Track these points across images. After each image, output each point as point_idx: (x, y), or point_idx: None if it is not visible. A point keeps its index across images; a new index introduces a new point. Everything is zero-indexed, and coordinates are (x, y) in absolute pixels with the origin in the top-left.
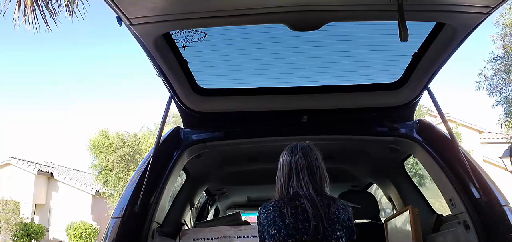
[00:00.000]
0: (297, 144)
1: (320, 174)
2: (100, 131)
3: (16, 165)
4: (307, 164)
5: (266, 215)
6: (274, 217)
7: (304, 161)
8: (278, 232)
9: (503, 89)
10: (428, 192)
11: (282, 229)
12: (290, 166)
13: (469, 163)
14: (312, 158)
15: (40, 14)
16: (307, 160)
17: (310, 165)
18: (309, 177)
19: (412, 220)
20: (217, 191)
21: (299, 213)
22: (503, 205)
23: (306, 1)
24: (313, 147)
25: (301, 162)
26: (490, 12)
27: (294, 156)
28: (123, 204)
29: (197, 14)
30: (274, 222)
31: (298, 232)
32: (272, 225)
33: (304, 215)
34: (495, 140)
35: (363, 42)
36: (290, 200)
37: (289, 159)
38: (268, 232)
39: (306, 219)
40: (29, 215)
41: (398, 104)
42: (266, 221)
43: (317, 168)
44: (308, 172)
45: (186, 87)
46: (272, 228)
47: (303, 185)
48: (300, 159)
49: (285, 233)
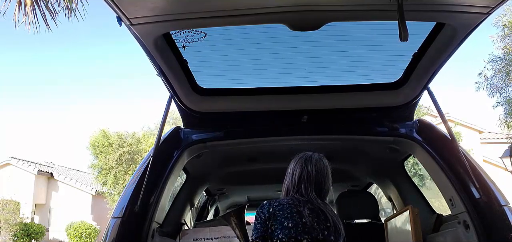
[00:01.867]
0: (312, 154)
1: (326, 188)
2: (100, 131)
3: (16, 165)
4: (316, 178)
5: (281, 208)
6: (291, 212)
7: (315, 174)
8: (295, 226)
9: (503, 90)
10: (428, 192)
11: (300, 224)
12: (301, 175)
13: (469, 163)
14: (323, 174)
15: (40, 14)
16: (318, 174)
17: (319, 179)
18: (315, 188)
19: (412, 220)
20: (217, 191)
21: (315, 215)
22: (503, 205)
23: (306, 1)
24: (326, 162)
25: (312, 174)
26: (490, 12)
27: (306, 167)
28: (123, 204)
29: (197, 14)
30: (291, 216)
31: (314, 230)
32: (289, 218)
33: (320, 218)
34: (495, 140)
35: (363, 42)
36: (306, 202)
37: (301, 168)
38: (284, 223)
39: (323, 221)
40: (29, 215)
41: (398, 104)
42: (282, 213)
43: (325, 183)
44: (316, 185)
45: (186, 87)
46: (289, 221)
47: (310, 195)
48: (312, 171)
49: (301, 229)
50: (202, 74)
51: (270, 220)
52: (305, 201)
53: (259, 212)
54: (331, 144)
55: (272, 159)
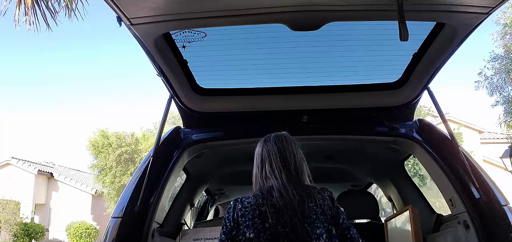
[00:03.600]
0: (270, 134)
1: (296, 163)
2: (100, 131)
3: (16, 165)
4: (279, 153)
5: (243, 213)
6: (252, 217)
7: (276, 149)
8: (257, 236)
9: (503, 89)
10: (428, 192)
11: (262, 233)
12: (262, 155)
13: (469, 163)
14: (286, 147)
15: (41, 14)
16: (280, 149)
17: (283, 153)
18: (282, 165)
19: (412, 220)
20: (217, 191)
21: (279, 215)
22: (503, 205)
23: (306, 1)
24: (288, 137)
25: (274, 149)
26: (490, 12)
27: (266, 145)
28: (123, 204)
29: (197, 14)
30: (252, 223)
31: (278, 236)
32: (251, 226)
33: (284, 217)
34: (495, 140)
35: (363, 42)
36: (269, 196)
37: (261, 148)
38: (246, 235)
39: (286, 222)
40: (29, 215)
41: (398, 104)
42: (244, 219)
43: (292, 157)
44: (281, 160)
45: (186, 87)
46: (250, 230)
47: (277, 174)
48: (272, 147)
49: (264, 239)
50: (202, 74)
51: (235, 230)
52: (269, 195)
53: (225, 220)
54: (331, 144)
55: None
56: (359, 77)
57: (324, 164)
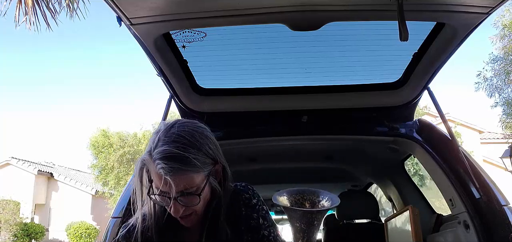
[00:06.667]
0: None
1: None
2: (101, 131)
3: (16, 165)
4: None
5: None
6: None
7: (168, 150)
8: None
9: (502, 90)
10: (428, 192)
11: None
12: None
13: (469, 163)
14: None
15: (41, 13)
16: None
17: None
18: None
19: (412, 220)
20: None
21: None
22: (503, 205)
23: (306, 1)
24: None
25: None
26: (490, 12)
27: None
28: (123, 204)
29: (197, 14)
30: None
31: None
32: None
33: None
34: (495, 140)
35: (363, 42)
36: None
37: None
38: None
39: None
40: (29, 215)
41: (398, 104)
42: None
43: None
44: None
45: (186, 87)
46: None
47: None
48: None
49: None
50: (202, 74)
51: None
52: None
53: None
54: (331, 144)
55: (272, 159)
56: (359, 77)
57: (324, 164)
